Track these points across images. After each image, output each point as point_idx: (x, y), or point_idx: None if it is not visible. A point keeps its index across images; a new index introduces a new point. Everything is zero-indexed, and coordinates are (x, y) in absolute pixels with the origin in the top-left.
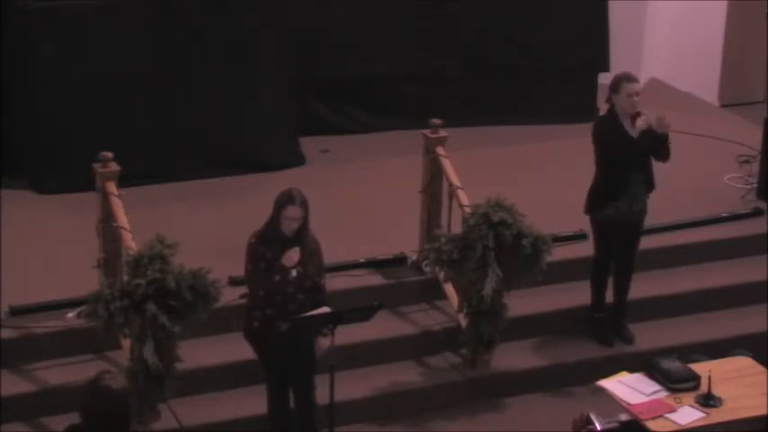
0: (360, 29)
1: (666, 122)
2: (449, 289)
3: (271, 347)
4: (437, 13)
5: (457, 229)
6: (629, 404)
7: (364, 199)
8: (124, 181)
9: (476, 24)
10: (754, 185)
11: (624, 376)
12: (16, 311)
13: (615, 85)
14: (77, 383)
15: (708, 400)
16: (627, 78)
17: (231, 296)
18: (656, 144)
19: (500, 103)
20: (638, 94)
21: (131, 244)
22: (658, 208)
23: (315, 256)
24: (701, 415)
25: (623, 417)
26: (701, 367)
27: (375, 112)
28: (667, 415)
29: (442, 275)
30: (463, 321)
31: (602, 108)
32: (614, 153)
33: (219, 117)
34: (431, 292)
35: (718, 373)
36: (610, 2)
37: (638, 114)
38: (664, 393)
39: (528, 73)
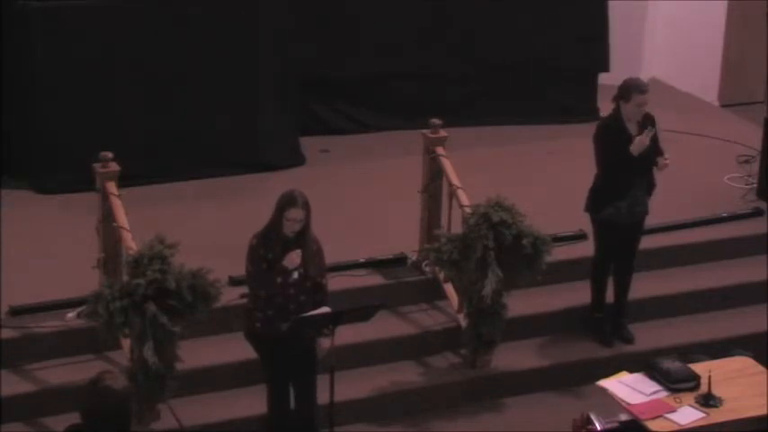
0: (360, 28)
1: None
2: (449, 289)
3: (272, 347)
4: (437, 12)
5: (457, 229)
6: (629, 404)
7: (364, 199)
8: (124, 181)
9: (476, 24)
10: (754, 185)
11: (624, 376)
12: (16, 311)
13: (626, 93)
14: (77, 383)
15: (708, 400)
16: (638, 89)
17: (231, 296)
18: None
19: (500, 102)
20: (647, 104)
21: (131, 244)
22: (658, 208)
23: (316, 257)
24: (701, 415)
25: (623, 417)
26: (700, 367)
27: (375, 112)
28: (667, 415)
29: (442, 275)
30: (463, 321)
31: (603, 108)
32: (618, 156)
33: (219, 117)
34: (431, 292)
35: (718, 373)
36: (610, 2)
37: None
38: (664, 393)
39: (528, 73)
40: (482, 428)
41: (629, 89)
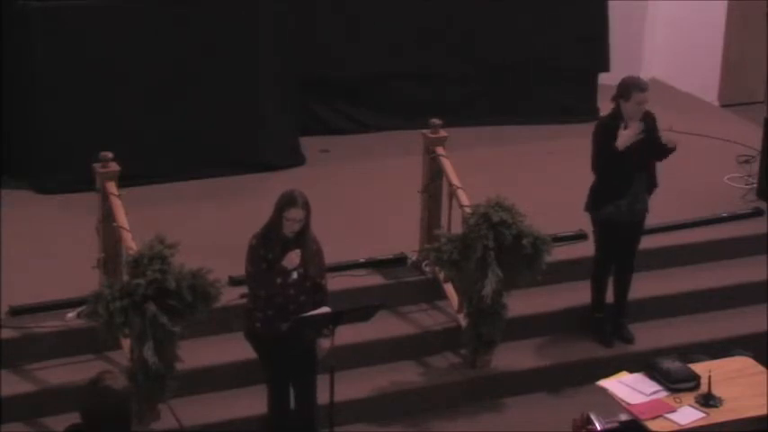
0: (360, 29)
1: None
2: (449, 289)
3: (271, 347)
4: (437, 12)
5: (457, 229)
6: (629, 404)
7: (364, 199)
8: (124, 181)
9: (476, 24)
10: (754, 185)
11: (624, 376)
12: (16, 311)
13: (625, 92)
14: (77, 383)
15: (708, 400)
16: (637, 87)
17: (231, 296)
18: (659, 149)
19: (500, 103)
20: (647, 102)
21: (131, 244)
22: (659, 208)
23: (316, 257)
24: (701, 415)
25: (623, 417)
26: (700, 367)
27: (375, 112)
28: (667, 415)
29: (442, 275)
30: (463, 321)
31: (603, 108)
32: (618, 154)
33: (219, 117)
34: (431, 292)
35: (718, 373)
36: (610, 2)
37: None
38: (664, 393)
39: (528, 73)
40: (482, 428)
41: (629, 88)
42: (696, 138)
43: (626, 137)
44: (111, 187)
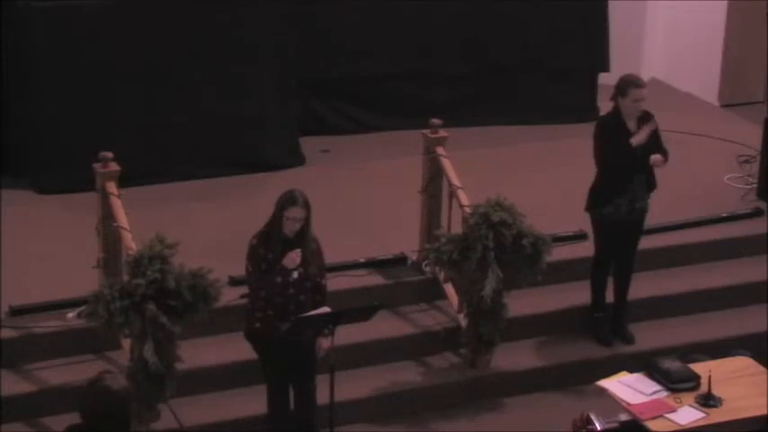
0: (360, 29)
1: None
2: (449, 289)
3: (271, 347)
4: (437, 12)
5: (457, 229)
6: (629, 404)
7: (364, 199)
8: (124, 181)
9: (476, 24)
10: (754, 185)
11: (624, 376)
12: (16, 311)
13: (622, 89)
14: (77, 383)
15: (708, 400)
16: (634, 84)
17: (231, 296)
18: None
19: (500, 103)
20: (643, 98)
21: (131, 244)
22: (658, 208)
23: (316, 257)
24: (701, 415)
25: (623, 417)
26: (700, 367)
27: (375, 112)
28: (667, 415)
29: (442, 275)
30: (463, 321)
31: (603, 108)
32: (617, 153)
33: (219, 117)
34: (431, 292)
35: (718, 373)
36: (609, 2)
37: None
38: (664, 393)
39: (528, 73)
40: (482, 428)
41: (626, 84)
42: (696, 138)
43: (642, 135)
44: (111, 187)
